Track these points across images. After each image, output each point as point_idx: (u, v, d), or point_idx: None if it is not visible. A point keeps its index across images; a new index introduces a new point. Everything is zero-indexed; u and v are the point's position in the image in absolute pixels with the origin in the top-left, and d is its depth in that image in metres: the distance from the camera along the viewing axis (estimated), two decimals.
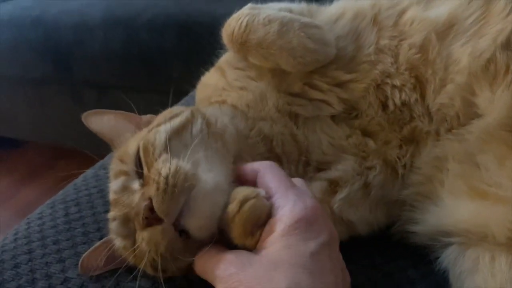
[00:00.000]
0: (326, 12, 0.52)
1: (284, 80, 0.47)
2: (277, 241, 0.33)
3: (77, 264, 0.44)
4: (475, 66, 0.41)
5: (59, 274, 0.44)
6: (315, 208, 0.35)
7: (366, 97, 0.46)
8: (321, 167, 0.46)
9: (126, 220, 0.38)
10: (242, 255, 0.34)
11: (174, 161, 0.36)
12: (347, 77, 0.46)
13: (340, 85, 0.46)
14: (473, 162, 0.40)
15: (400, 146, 0.45)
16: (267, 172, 0.38)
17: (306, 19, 0.46)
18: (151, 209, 0.35)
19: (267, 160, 0.41)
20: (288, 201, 0.35)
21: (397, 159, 0.45)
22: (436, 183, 0.42)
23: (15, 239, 0.49)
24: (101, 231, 0.48)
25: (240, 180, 0.39)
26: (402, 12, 0.47)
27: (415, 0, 0.47)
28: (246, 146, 0.45)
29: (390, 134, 0.45)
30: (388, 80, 0.45)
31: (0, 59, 1.51)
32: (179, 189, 0.35)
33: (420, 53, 0.44)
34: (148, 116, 0.48)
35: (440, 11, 0.45)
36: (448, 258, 0.41)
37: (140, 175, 0.38)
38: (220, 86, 0.51)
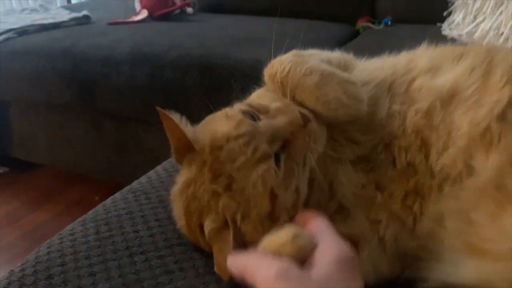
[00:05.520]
0: (359, 72, 0.56)
1: None
2: (329, 265, 0.36)
3: (108, 278, 0.47)
4: (474, 133, 0.46)
5: (90, 287, 0.47)
6: (355, 255, 0.39)
7: (376, 154, 0.50)
8: (342, 207, 0.49)
9: (270, 141, 0.45)
10: (293, 267, 0.37)
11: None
12: (363, 138, 0.51)
13: (356, 142, 0.51)
14: (468, 219, 0.43)
15: (405, 198, 0.48)
16: (319, 220, 0.43)
17: (344, 75, 0.51)
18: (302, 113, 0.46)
19: None
20: (336, 242, 0.39)
21: (404, 212, 0.48)
22: (437, 239, 0.45)
23: (48, 252, 0.53)
24: (129, 249, 0.52)
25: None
26: (412, 80, 0.52)
27: (425, 69, 0.53)
28: None
29: (397, 187, 0.49)
30: (395, 141, 0.49)
31: (29, 84, 1.58)
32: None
33: (425, 118, 0.49)
34: None
35: (444, 80, 0.50)
36: None
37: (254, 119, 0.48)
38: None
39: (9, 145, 1.86)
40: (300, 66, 0.50)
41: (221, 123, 0.47)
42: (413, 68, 0.53)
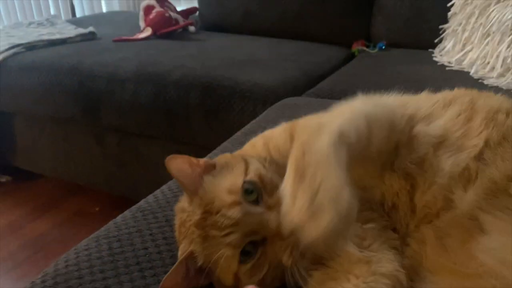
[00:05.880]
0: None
1: None
2: None
3: None
4: (454, 172, 0.52)
5: None
6: None
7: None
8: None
9: (248, 234, 0.48)
10: None
11: None
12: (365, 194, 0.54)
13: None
14: (442, 245, 0.49)
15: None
16: None
17: (347, 189, 0.42)
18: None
19: None
20: None
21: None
22: (418, 261, 0.51)
23: (66, 266, 0.58)
24: (140, 264, 0.57)
25: None
26: (412, 128, 0.55)
27: (422, 116, 0.57)
28: None
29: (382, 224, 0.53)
30: (389, 189, 0.54)
31: (35, 98, 1.64)
32: None
33: (418, 166, 0.53)
34: (203, 161, 0.54)
35: (435, 126, 0.55)
36: None
37: (254, 202, 0.49)
38: (262, 156, 0.58)
39: (13, 155, 1.91)
40: (319, 165, 0.42)
41: (224, 190, 0.50)
42: (415, 117, 0.57)
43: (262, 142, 0.62)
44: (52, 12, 2.80)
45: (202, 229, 0.49)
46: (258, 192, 0.50)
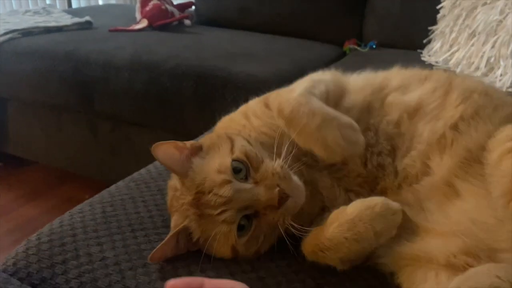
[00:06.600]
0: (350, 95, 0.63)
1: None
2: None
3: (113, 247, 0.56)
4: (431, 139, 0.57)
5: (98, 254, 0.55)
6: None
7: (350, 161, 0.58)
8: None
9: (241, 210, 0.51)
10: None
11: (277, 161, 0.53)
12: None
13: None
14: (420, 207, 0.54)
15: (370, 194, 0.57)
16: None
17: (345, 119, 0.55)
18: (282, 191, 0.50)
19: None
20: None
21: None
22: None
23: (61, 226, 0.61)
24: (132, 226, 0.60)
25: None
26: (386, 96, 0.62)
27: (396, 87, 0.63)
28: None
29: (364, 184, 0.58)
30: (369, 148, 0.58)
31: (30, 84, 1.66)
32: (289, 175, 0.52)
33: (396, 128, 0.59)
34: (189, 143, 0.57)
35: (411, 96, 0.61)
36: (404, 275, 0.52)
37: (243, 179, 0.52)
38: (241, 124, 0.62)
39: (5, 141, 1.92)
40: (303, 106, 0.54)
41: (214, 170, 0.52)
42: (387, 86, 0.63)
43: (240, 114, 0.65)
44: (48, 2, 2.81)
45: (197, 208, 0.52)
46: (246, 169, 0.53)
